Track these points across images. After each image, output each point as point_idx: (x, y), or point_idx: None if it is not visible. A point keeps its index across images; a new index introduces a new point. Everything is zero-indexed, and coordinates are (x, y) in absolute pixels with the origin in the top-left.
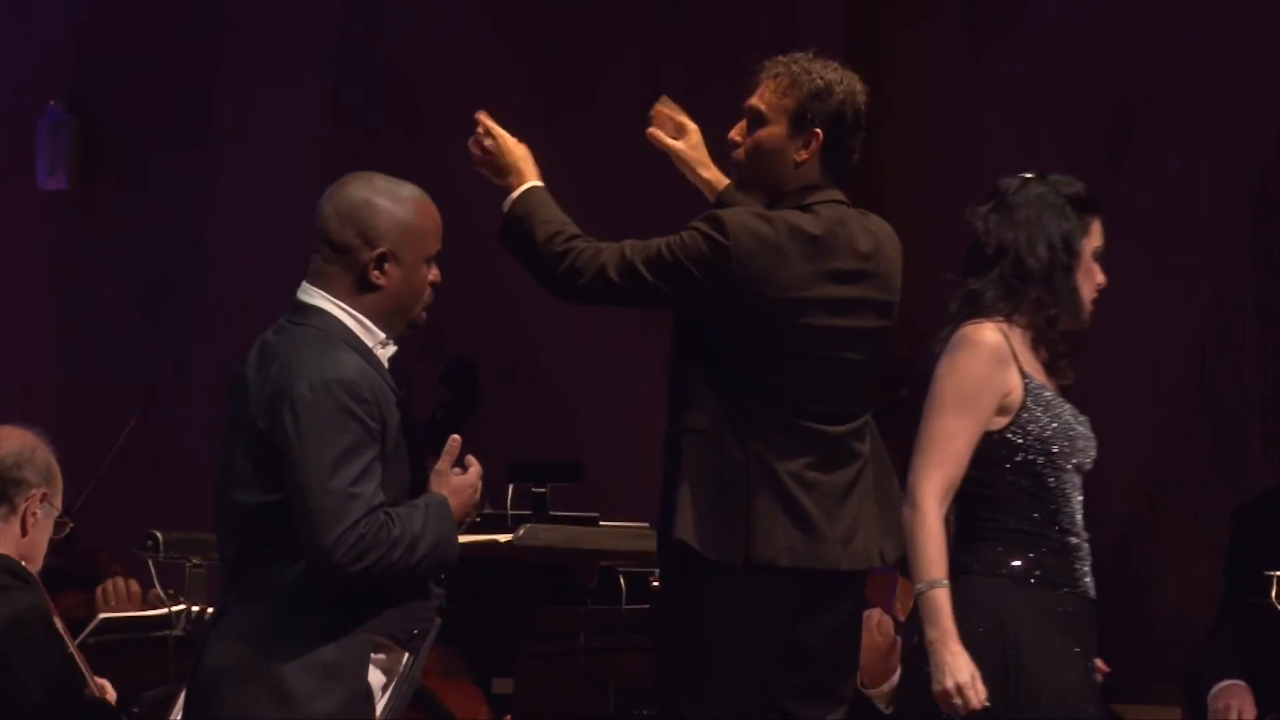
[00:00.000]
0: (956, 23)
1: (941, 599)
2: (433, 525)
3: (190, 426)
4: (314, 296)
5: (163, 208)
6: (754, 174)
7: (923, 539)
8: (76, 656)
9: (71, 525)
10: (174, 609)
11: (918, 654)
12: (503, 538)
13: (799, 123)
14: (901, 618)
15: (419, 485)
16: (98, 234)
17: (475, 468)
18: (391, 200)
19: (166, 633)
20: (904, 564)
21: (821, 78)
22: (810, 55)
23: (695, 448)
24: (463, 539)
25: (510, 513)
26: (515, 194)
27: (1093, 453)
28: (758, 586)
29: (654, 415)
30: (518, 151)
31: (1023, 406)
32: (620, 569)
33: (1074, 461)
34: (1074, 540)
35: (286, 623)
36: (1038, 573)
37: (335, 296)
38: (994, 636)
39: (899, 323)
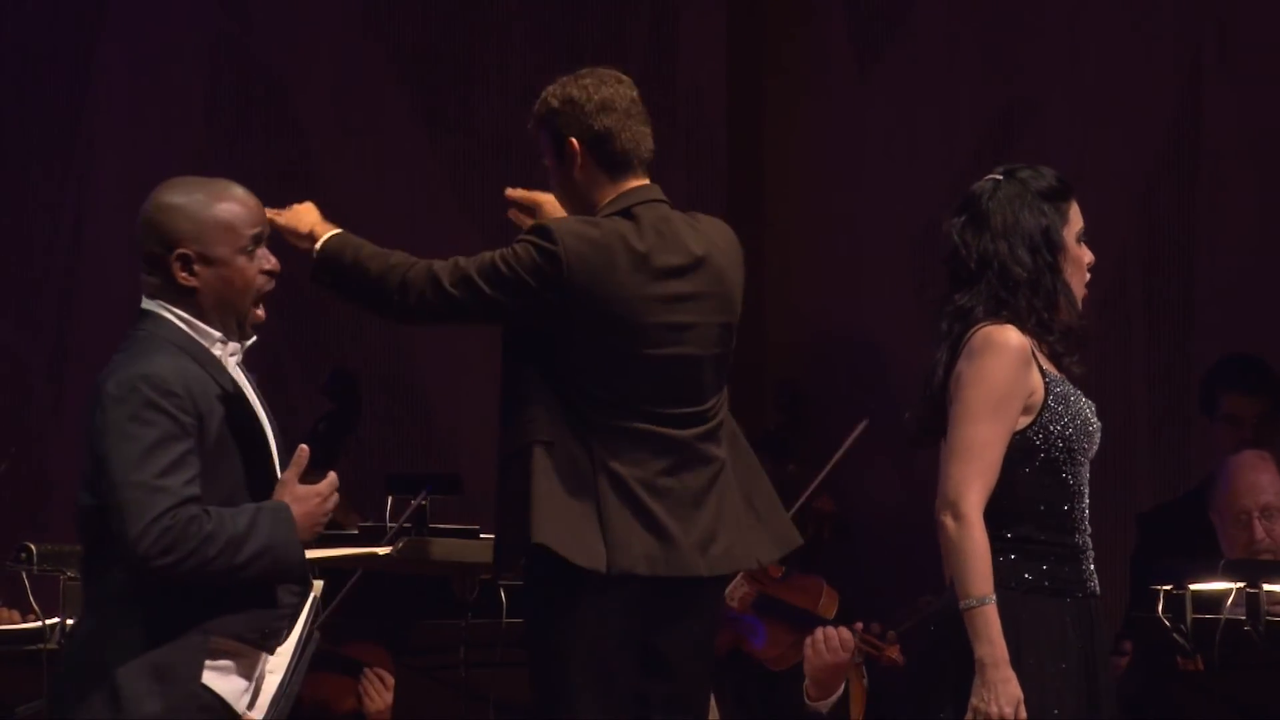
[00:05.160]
0: (840, 25)
1: (991, 615)
2: (264, 529)
3: (62, 437)
4: (149, 304)
5: (33, 214)
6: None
7: (970, 553)
8: None
9: None
10: (48, 622)
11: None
12: (382, 550)
13: (555, 144)
14: (830, 616)
15: (269, 493)
16: None
17: (329, 478)
18: (187, 198)
19: (41, 646)
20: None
21: (540, 98)
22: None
23: (544, 458)
24: (341, 552)
25: (389, 525)
26: (323, 239)
27: (1098, 440)
28: (615, 596)
29: None
30: (308, 216)
31: (1044, 406)
32: (501, 582)
33: (1090, 456)
34: (1082, 540)
35: (119, 625)
36: (1046, 583)
37: (164, 302)
38: None
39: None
